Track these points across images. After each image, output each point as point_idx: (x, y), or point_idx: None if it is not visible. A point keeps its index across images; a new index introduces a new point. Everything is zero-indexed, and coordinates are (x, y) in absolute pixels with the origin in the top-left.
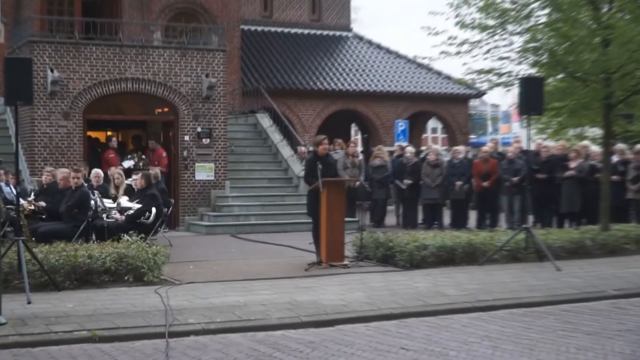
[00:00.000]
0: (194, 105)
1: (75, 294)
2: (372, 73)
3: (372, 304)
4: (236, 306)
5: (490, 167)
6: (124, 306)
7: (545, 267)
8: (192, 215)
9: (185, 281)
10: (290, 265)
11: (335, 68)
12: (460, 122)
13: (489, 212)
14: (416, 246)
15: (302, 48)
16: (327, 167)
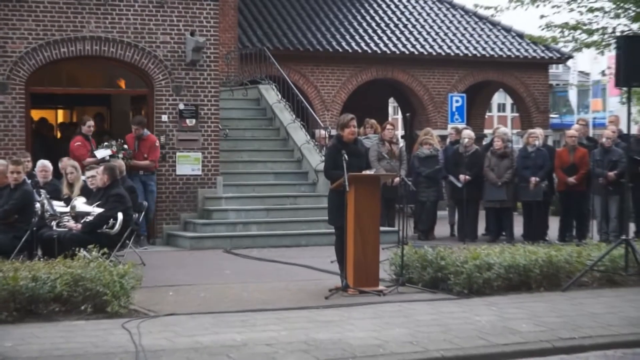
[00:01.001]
0: (174, 74)
1: (16, 330)
2: (416, 29)
3: (416, 344)
4: (232, 347)
5: (578, 157)
6: (80, 346)
7: None
8: (172, 223)
9: (162, 313)
10: (305, 291)
11: (366, 23)
12: (537, 96)
13: (576, 218)
14: (477, 265)
15: None
16: (355, 158)
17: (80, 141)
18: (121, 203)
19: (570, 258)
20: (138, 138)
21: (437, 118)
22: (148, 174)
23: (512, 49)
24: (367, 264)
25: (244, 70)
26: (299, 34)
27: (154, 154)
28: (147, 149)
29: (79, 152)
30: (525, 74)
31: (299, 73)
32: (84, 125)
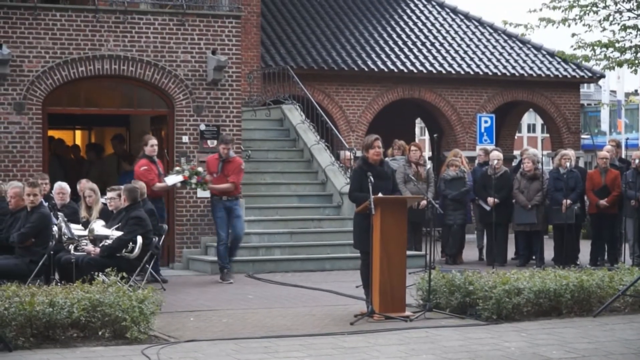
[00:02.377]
0: (195, 94)
1: (33, 356)
2: (444, 48)
3: None
4: None
5: (611, 179)
6: None
7: None
8: (192, 247)
9: (183, 339)
10: (330, 317)
11: (392, 41)
12: (567, 116)
13: (608, 242)
14: (506, 290)
15: (347, 14)
16: (381, 180)
17: (146, 165)
18: (141, 226)
19: (601, 283)
20: (223, 160)
21: (465, 139)
22: (232, 198)
23: (542, 67)
24: (393, 289)
25: (267, 89)
26: (323, 52)
27: (237, 177)
28: (231, 172)
29: (147, 177)
30: (555, 94)
31: (323, 93)
32: (147, 145)
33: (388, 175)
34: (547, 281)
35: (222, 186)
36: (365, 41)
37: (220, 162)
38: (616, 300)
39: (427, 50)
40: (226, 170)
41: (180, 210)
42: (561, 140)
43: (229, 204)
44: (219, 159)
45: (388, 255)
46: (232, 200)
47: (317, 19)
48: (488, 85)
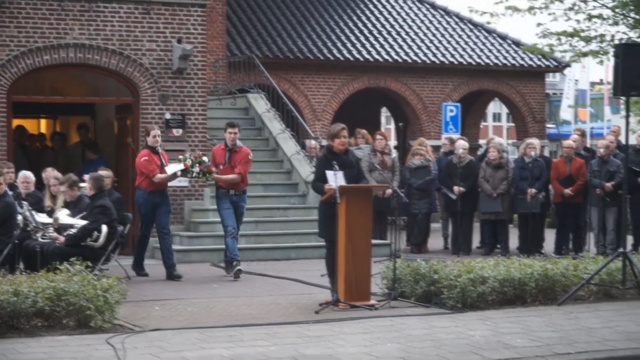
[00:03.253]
0: (161, 82)
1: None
2: (409, 37)
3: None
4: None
5: (575, 168)
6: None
7: None
8: None
9: (148, 328)
10: (295, 305)
11: (358, 30)
12: (533, 105)
13: (573, 231)
14: (471, 279)
15: (312, 3)
16: (346, 169)
17: (147, 155)
18: (105, 215)
19: (566, 271)
20: (230, 150)
21: (430, 128)
22: (239, 193)
23: (507, 57)
24: (359, 277)
25: (232, 78)
26: (288, 41)
27: (244, 167)
28: (238, 162)
29: (147, 169)
30: (521, 83)
31: (289, 82)
32: (149, 135)
33: (353, 164)
34: (511, 270)
35: (228, 177)
36: (330, 30)
37: (227, 152)
38: (581, 289)
39: (393, 39)
40: (233, 160)
41: None
42: (526, 129)
43: (236, 198)
44: (225, 148)
45: (353, 244)
46: (240, 194)
47: (283, 8)
48: (453, 74)
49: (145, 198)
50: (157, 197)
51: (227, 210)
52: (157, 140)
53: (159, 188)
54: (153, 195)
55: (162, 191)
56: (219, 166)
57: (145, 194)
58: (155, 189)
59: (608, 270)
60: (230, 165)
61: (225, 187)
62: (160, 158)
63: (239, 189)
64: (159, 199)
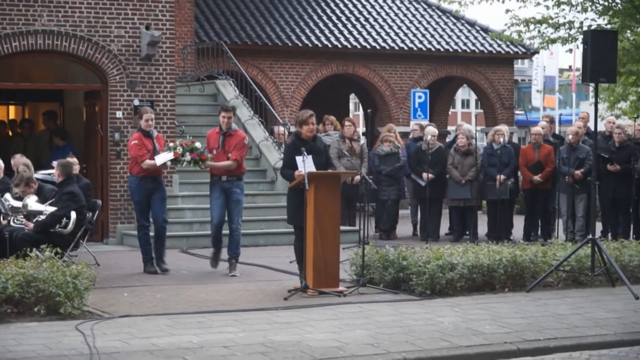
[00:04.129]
0: (129, 69)
1: None
2: (377, 23)
3: (377, 346)
4: (188, 349)
5: (544, 155)
6: (33, 348)
7: (619, 295)
8: (126, 222)
9: (117, 314)
10: (263, 292)
11: (326, 17)
12: (501, 92)
13: (542, 217)
14: (439, 266)
15: None
16: (314, 155)
17: (138, 139)
18: (74, 202)
19: (535, 258)
20: (224, 134)
21: (399, 114)
22: (232, 179)
23: (476, 43)
24: (327, 264)
25: (201, 65)
26: (257, 27)
27: (239, 153)
28: (232, 147)
29: (136, 153)
30: (489, 69)
31: (257, 68)
32: (141, 119)
33: (321, 150)
34: (480, 256)
35: (222, 164)
36: (299, 16)
37: (221, 136)
38: (549, 276)
39: (361, 25)
40: (227, 145)
41: (114, 185)
42: (495, 116)
43: (227, 184)
44: (219, 132)
45: (322, 230)
46: (232, 180)
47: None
48: (422, 60)
49: (136, 184)
50: (150, 184)
51: (215, 200)
52: (150, 124)
53: (152, 174)
54: (145, 182)
55: (156, 177)
56: (212, 151)
57: (137, 179)
58: (148, 175)
59: (577, 257)
60: (224, 149)
61: (217, 174)
62: (153, 142)
63: (231, 174)
64: (151, 185)
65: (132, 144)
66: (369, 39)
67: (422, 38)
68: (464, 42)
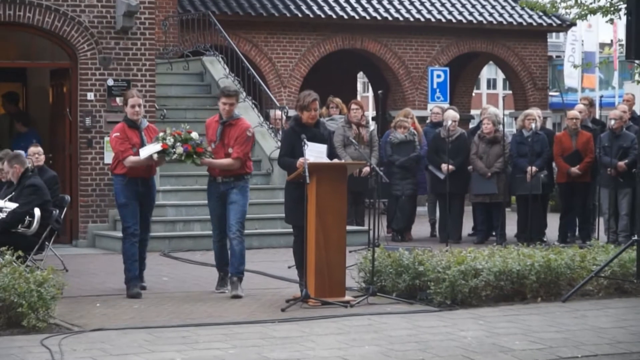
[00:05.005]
0: (102, 44)
1: None
2: None
3: None
4: None
5: (582, 143)
6: None
7: None
8: (99, 221)
9: (89, 327)
10: (258, 302)
11: None
12: (533, 70)
13: (580, 215)
14: (462, 272)
15: None
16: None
17: (120, 131)
18: (38, 196)
19: (572, 263)
20: (224, 122)
21: (415, 96)
22: (228, 179)
23: (503, 14)
24: (331, 269)
25: (185, 39)
26: None
27: (242, 148)
28: (233, 140)
29: (117, 148)
30: (519, 44)
31: (251, 42)
32: (126, 105)
33: (325, 137)
34: (509, 261)
35: (220, 162)
36: None
37: (220, 126)
38: (588, 283)
39: None
40: (227, 137)
41: (84, 178)
42: (526, 98)
43: (223, 186)
44: (219, 120)
45: (325, 230)
46: (229, 181)
47: None
48: (441, 34)
49: (122, 186)
50: (140, 187)
51: (212, 209)
52: (137, 110)
53: (142, 175)
54: (133, 185)
55: (147, 180)
56: (210, 144)
57: (122, 180)
58: (136, 176)
59: (620, 261)
60: (223, 143)
61: (215, 174)
62: (140, 135)
63: (229, 174)
64: (142, 189)
65: (114, 136)
66: (380, 8)
67: (441, 8)
68: (489, 12)
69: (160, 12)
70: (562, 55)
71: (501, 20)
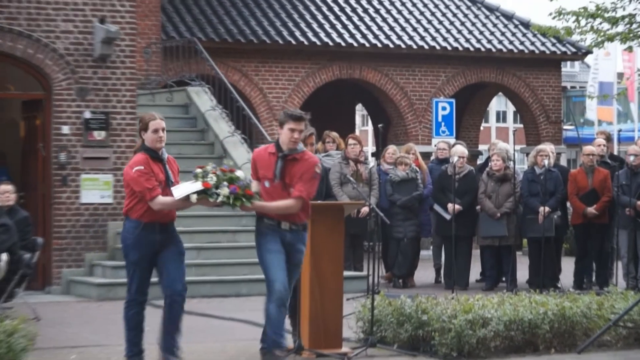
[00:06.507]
0: (79, 73)
1: None
2: (391, 16)
3: None
4: None
5: (599, 181)
6: None
7: None
8: (74, 266)
9: None
10: (246, 354)
11: (327, 7)
12: (546, 102)
13: (596, 259)
14: (469, 321)
15: None
16: None
17: (144, 163)
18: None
19: (588, 311)
20: (285, 156)
21: (418, 130)
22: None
23: (514, 41)
24: (327, 318)
25: (169, 68)
26: (239, 21)
27: (306, 187)
28: (297, 177)
29: (143, 186)
30: (531, 74)
31: (240, 72)
32: (147, 130)
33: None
34: (520, 309)
35: (276, 204)
36: (292, 7)
37: (279, 160)
38: (606, 333)
39: (371, 18)
40: (289, 173)
41: (58, 219)
42: (538, 132)
43: (291, 237)
44: (276, 153)
45: (320, 276)
46: (297, 230)
47: None
48: (447, 63)
49: (136, 235)
50: (159, 234)
51: (275, 254)
52: (162, 137)
53: (163, 219)
54: (150, 232)
55: (167, 225)
56: (263, 182)
57: (137, 228)
58: (155, 220)
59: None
60: (283, 181)
61: (274, 218)
62: (165, 169)
63: (296, 220)
64: (160, 237)
65: (136, 171)
66: (380, 35)
67: (447, 35)
68: (498, 39)
69: (142, 39)
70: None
71: (511, 48)
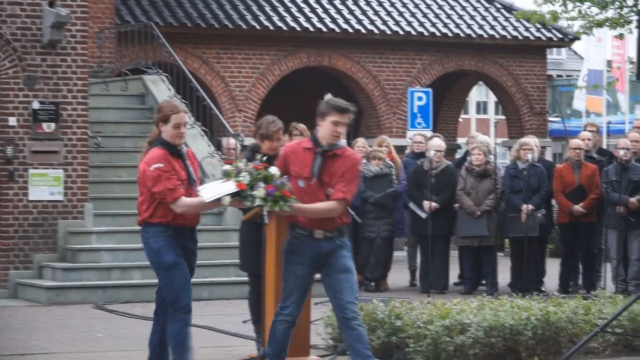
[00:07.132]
0: (26, 60)
1: None
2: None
3: None
4: None
5: (587, 177)
6: None
7: None
8: (22, 268)
9: None
10: None
11: None
12: (530, 91)
13: (583, 261)
14: (446, 327)
15: None
16: None
17: (162, 160)
18: None
19: (574, 316)
20: (324, 152)
21: (392, 122)
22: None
23: (496, 26)
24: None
25: (123, 54)
26: (199, 4)
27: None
28: (337, 176)
29: (165, 186)
30: (514, 62)
31: (200, 59)
32: (167, 122)
33: None
34: (501, 314)
35: (317, 206)
36: None
37: (319, 157)
38: (593, 339)
39: (341, 2)
40: (327, 172)
41: (5, 217)
42: (521, 125)
43: (327, 245)
44: (315, 148)
45: None
46: (333, 237)
47: None
48: (423, 49)
49: (166, 239)
50: (184, 240)
51: (297, 267)
52: (184, 132)
53: (188, 222)
54: (180, 236)
55: (194, 230)
56: (296, 181)
57: (164, 232)
58: (180, 224)
59: (630, 314)
60: (320, 180)
61: (306, 225)
62: (185, 165)
63: (329, 227)
64: (190, 244)
65: (155, 169)
66: (352, 20)
67: (423, 19)
68: (479, 24)
69: (94, 24)
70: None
71: (493, 33)
